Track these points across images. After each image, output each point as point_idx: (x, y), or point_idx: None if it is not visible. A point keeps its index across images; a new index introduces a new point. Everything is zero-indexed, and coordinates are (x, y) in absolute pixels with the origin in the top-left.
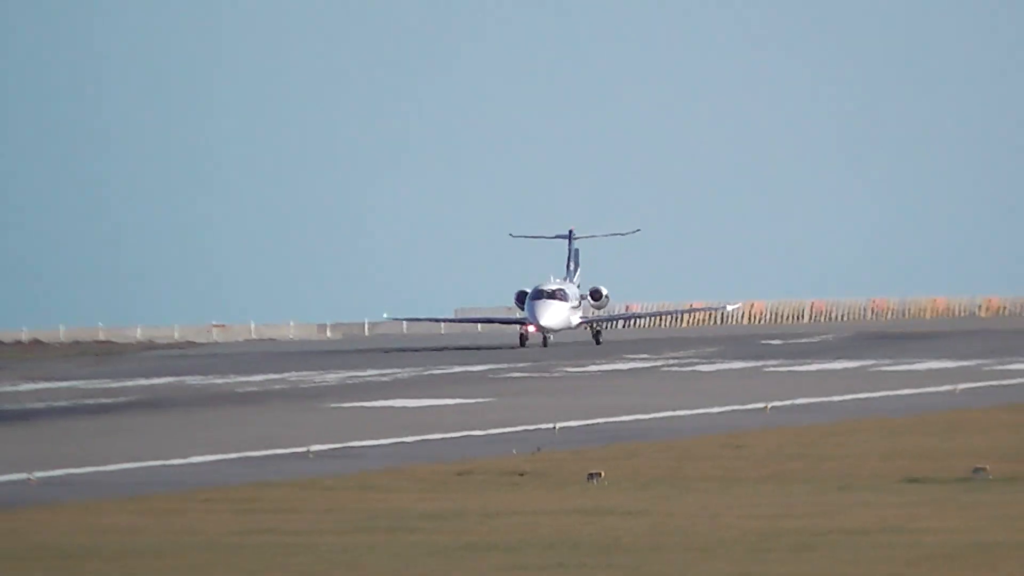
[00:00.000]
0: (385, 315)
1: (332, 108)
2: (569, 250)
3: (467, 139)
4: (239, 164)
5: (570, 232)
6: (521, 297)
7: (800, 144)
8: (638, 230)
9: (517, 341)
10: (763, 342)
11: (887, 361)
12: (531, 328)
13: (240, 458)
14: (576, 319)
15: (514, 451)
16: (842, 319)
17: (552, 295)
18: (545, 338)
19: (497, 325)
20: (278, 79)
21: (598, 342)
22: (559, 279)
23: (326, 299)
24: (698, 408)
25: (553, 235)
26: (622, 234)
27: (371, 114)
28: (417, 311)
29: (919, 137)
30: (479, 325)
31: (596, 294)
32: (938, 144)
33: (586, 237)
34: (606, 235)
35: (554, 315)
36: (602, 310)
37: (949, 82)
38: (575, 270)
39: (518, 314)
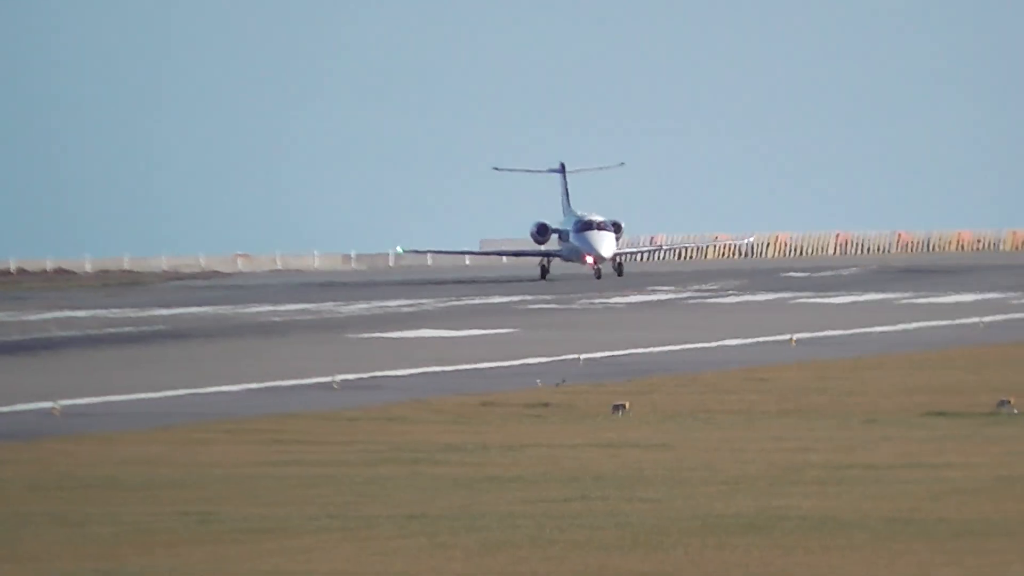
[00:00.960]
0: (399, 248)
1: (352, 43)
2: (564, 184)
3: (477, 73)
4: (264, 97)
5: (562, 165)
6: (542, 230)
7: (823, 77)
8: (623, 163)
9: (538, 274)
10: (788, 275)
11: (912, 294)
12: (589, 259)
13: (264, 389)
14: None
15: (538, 383)
16: (867, 252)
17: (601, 226)
18: (599, 269)
19: (517, 258)
20: (292, 18)
21: (620, 274)
22: (588, 213)
23: (351, 230)
24: (722, 341)
25: (546, 169)
26: (607, 168)
27: (385, 48)
28: (440, 243)
29: (945, 70)
30: (504, 257)
31: (616, 226)
32: (964, 77)
33: (575, 171)
34: (591, 169)
35: (610, 245)
36: (618, 242)
37: (978, 11)
38: (567, 204)
39: (542, 247)
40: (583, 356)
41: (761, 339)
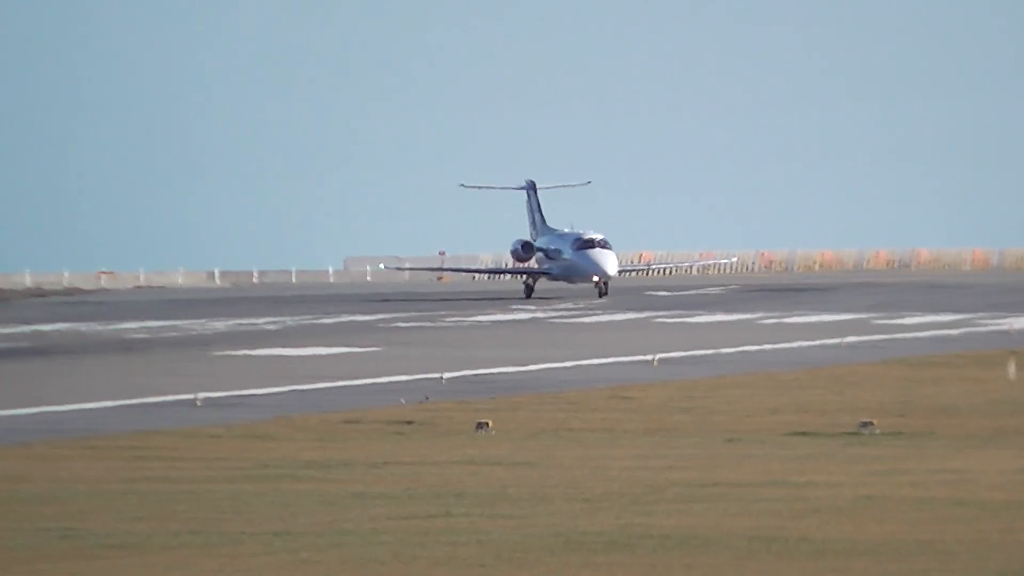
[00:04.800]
0: (381, 265)
1: (236, 55)
2: (535, 202)
3: (396, 82)
4: (129, 113)
5: (532, 183)
6: (527, 247)
7: (689, 97)
8: (589, 182)
9: (522, 292)
10: (651, 293)
11: (775, 314)
12: (595, 278)
13: (127, 405)
14: None
15: (402, 401)
16: (731, 272)
17: (603, 244)
18: (606, 284)
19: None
20: (190, 29)
21: (606, 293)
22: (570, 228)
23: (215, 247)
24: (586, 360)
25: (518, 186)
26: (572, 185)
27: (264, 54)
28: (305, 262)
29: (808, 91)
30: (481, 275)
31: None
32: (827, 97)
33: (545, 188)
34: (555, 187)
35: (614, 263)
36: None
37: (843, 35)
38: (542, 221)
39: (524, 265)
40: (446, 374)
41: (625, 358)
